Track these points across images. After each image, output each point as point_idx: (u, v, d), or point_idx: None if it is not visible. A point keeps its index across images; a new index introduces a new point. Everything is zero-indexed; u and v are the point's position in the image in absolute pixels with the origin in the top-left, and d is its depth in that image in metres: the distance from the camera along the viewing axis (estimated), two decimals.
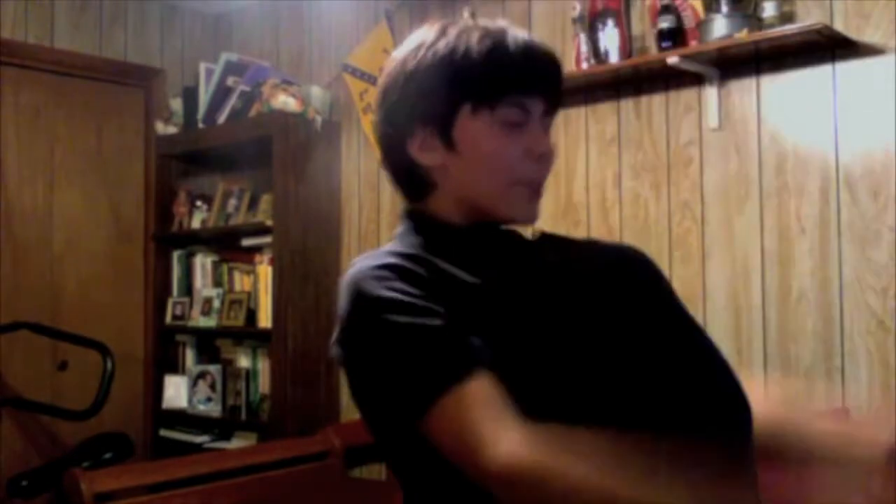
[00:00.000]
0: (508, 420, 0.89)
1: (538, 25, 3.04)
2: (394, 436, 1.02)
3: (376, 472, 3.14)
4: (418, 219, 1.10)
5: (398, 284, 0.96)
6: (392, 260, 1.00)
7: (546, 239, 1.14)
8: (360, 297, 0.97)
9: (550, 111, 1.09)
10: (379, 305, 0.95)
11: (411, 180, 1.10)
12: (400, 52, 1.09)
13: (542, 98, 1.06)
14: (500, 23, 1.09)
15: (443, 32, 1.06)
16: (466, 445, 0.89)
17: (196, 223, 3.94)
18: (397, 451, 1.04)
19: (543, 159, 1.07)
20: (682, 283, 2.60)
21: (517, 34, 1.06)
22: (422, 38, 1.07)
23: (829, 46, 2.43)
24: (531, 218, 1.09)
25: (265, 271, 3.56)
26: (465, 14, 3.09)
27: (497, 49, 1.03)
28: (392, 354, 0.95)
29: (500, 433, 0.88)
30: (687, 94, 2.72)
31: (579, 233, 2.84)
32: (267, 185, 3.62)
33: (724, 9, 2.51)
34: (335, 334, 1.02)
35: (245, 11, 4.09)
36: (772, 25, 2.46)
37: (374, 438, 1.05)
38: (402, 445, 1.01)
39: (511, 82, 1.04)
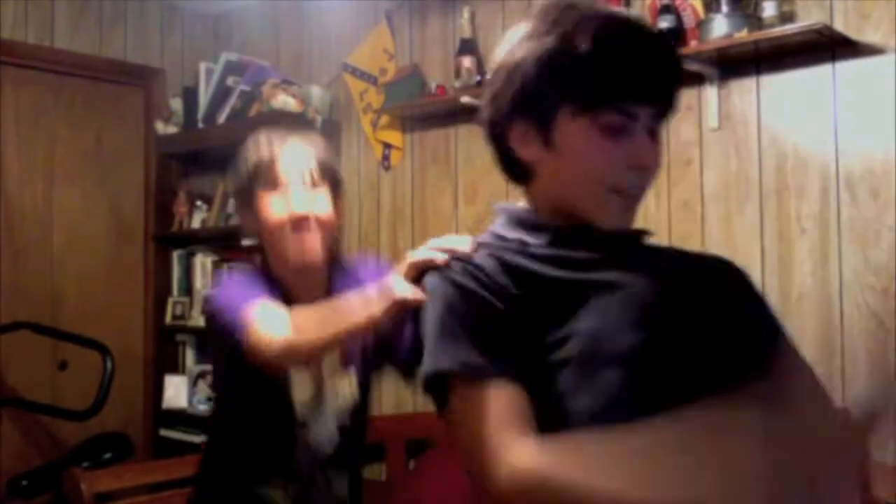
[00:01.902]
0: (521, 430, 0.89)
1: None
2: None
3: (376, 472, 3.14)
4: (513, 218, 1.09)
5: (462, 279, 1.00)
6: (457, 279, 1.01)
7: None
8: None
9: (661, 115, 1.02)
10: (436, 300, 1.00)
11: (511, 167, 1.08)
12: (513, 36, 1.04)
13: (651, 104, 1.00)
14: (624, 14, 1.02)
15: (555, 23, 0.99)
16: (477, 448, 0.90)
17: (196, 223, 3.94)
18: None
19: (644, 170, 1.01)
20: None
21: (639, 32, 0.99)
22: (534, 25, 1.02)
23: (829, 46, 2.42)
24: (622, 228, 1.05)
25: None
26: (465, 14, 3.07)
27: (607, 51, 0.96)
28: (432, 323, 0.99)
29: (511, 444, 0.88)
30: (687, 94, 2.71)
31: None
32: None
33: (724, 8, 2.51)
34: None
35: (245, 11, 4.09)
36: (772, 25, 2.45)
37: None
38: None
39: (617, 90, 0.97)
